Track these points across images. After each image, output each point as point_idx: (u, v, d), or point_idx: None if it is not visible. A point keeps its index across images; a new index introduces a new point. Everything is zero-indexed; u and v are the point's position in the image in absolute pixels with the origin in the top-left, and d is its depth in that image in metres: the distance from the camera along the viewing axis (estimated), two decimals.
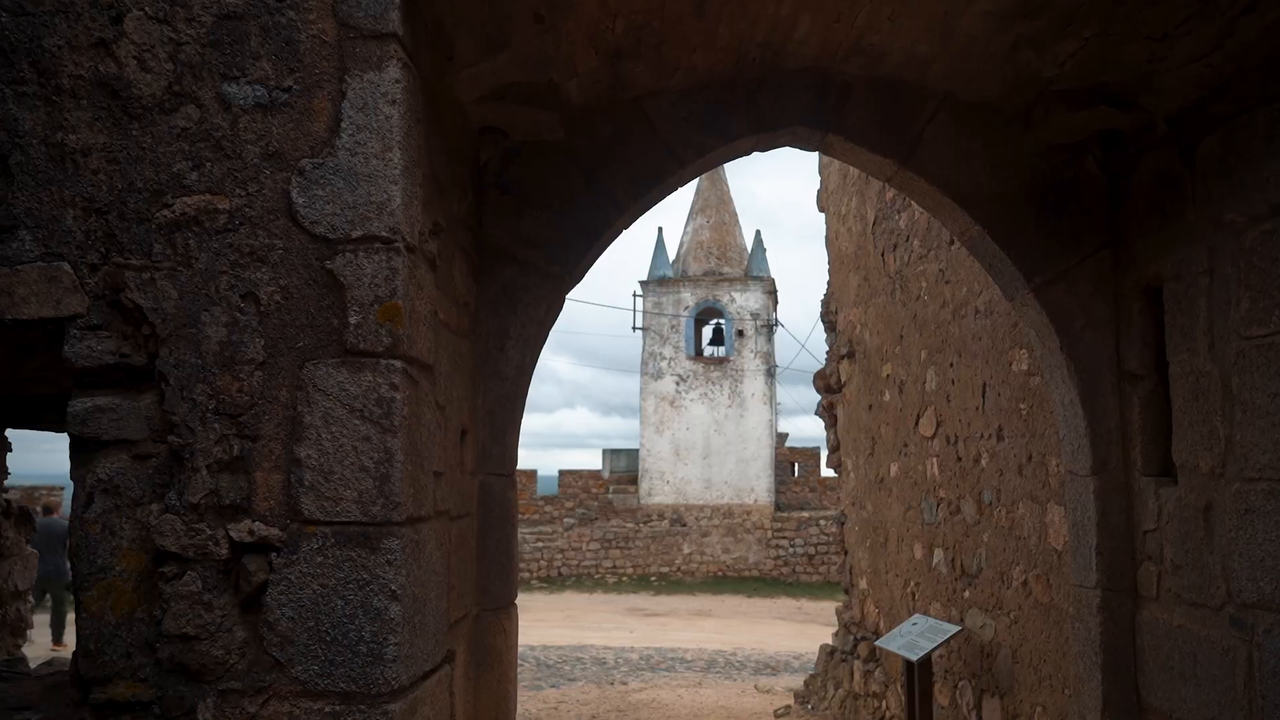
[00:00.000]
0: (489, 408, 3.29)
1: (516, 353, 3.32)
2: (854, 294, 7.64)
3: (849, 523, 7.78)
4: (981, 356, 5.30)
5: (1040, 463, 4.63)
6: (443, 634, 2.74)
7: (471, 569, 3.14)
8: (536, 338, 3.35)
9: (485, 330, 3.31)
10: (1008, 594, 4.95)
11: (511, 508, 3.31)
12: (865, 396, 7.30)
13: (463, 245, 3.16)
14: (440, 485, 2.75)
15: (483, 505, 3.24)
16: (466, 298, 3.19)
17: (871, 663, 7.02)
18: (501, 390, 3.30)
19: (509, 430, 3.32)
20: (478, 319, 3.31)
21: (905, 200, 6.49)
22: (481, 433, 3.28)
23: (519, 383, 3.32)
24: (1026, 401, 4.78)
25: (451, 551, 2.88)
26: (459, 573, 2.97)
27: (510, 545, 3.28)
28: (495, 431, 3.29)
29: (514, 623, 3.34)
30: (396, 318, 2.37)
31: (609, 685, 11.40)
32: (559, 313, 3.49)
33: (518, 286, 3.34)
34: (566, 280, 3.41)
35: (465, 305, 3.17)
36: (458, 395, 3.02)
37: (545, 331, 3.44)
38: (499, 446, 3.30)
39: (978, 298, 5.35)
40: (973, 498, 5.40)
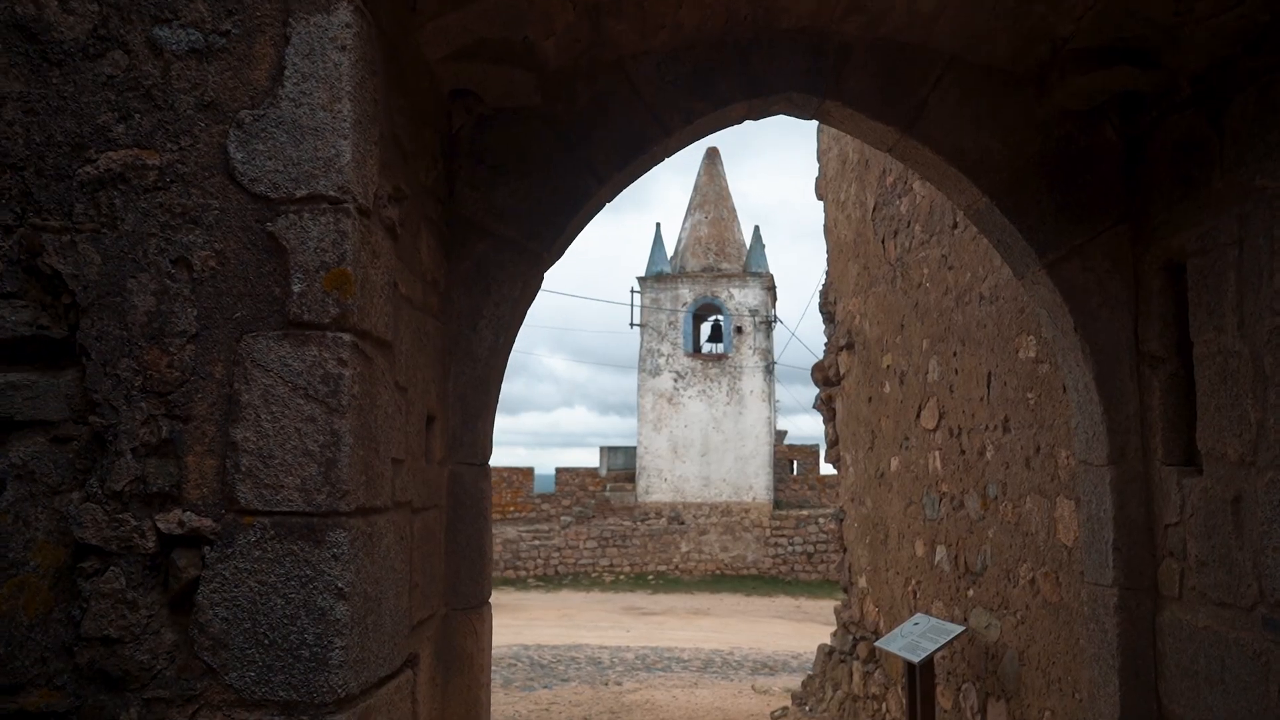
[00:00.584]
0: (460, 392, 3.06)
1: (490, 333, 3.08)
2: (853, 283, 7.41)
3: (848, 519, 7.55)
4: (986, 344, 5.07)
5: (1049, 454, 4.40)
6: (403, 636, 2.50)
7: (439, 565, 2.91)
8: (511, 318, 3.12)
9: (456, 310, 3.08)
10: (1014, 592, 4.72)
11: (484, 500, 3.08)
12: (865, 389, 7.07)
13: (430, 217, 2.93)
14: (401, 474, 2.51)
15: (453, 497, 3.01)
16: (435, 274, 2.95)
17: (871, 664, 6.79)
18: (474, 373, 3.07)
19: (482, 416, 3.08)
20: (448, 298, 3.07)
21: (906, 185, 6.26)
22: (452, 419, 3.05)
23: (492, 365, 3.09)
24: (1034, 390, 4.54)
25: (415, 546, 2.65)
26: (424, 570, 2.73)
27: (483, 540, 3.05)
28: (467, 418, 3.06)
29: (487, 624, 3.11)
30: (345, 286, 2.14)
31: (603, 686, 11.17)
32: (536, 292, 3.26)
33: (491, 263, 3.11)
34: (544, 257, 3.17)
35: (433, 282, 2.94)
36: (424, 378, 2.79)
37: (521, 311, 3.20)
38: (471, 434, 3.06)
39: (982, 283, 5.12)
40: (977, 492, 5.17)
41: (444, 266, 3.05)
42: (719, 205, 28.64)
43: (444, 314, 3.04)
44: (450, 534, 2.99)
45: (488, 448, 3.15)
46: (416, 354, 2.71)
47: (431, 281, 2.92)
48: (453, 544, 2.99)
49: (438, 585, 2.89)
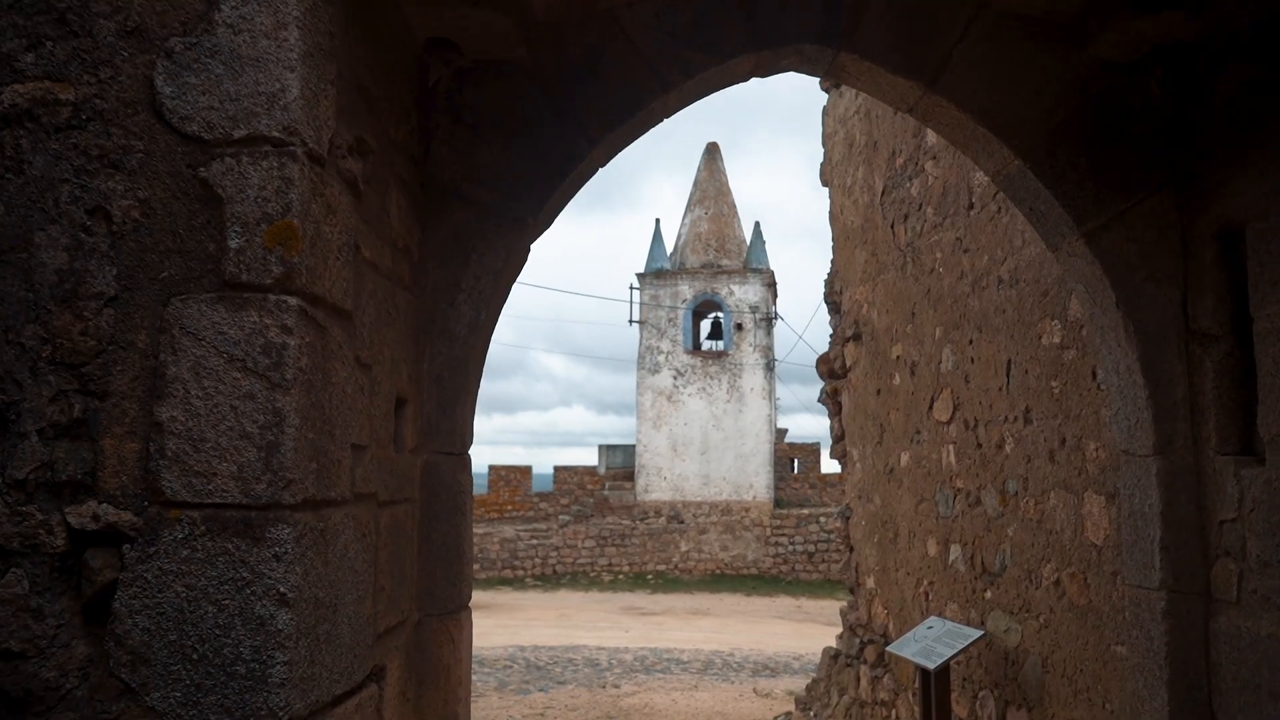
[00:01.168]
0: (436, 373, 2.75)
1: (469, 308, 2.78)
2: (860, 271, 7.10)
3: (854, 517, 7.24)
4: (1005, 331, 4.76)
5: (1075, 447, 4.10)
6: (366, 647, 2.20)
7: (411, 566, 2.60)
8: (493, 292, 2.81)
9: (431, 282, 2.77)
10: (1036, 595, 4.42)
11: (463, 493, 2.77)
12: (873, 381, 6.77)
13: (402, 178, 2.63)
14: (363, 462, 2.21)
15: (427, 490, 2.70)
16: (407, 241, 2.65)
17: (880, 668, 6.49)
18: (451, 353, 2.76)
19: (460, 400, 2.78)
20: (423, 269, 2.77)
21: (918, 166, 5.96)
22: (427, 403, 2.74)
23: (472, 344, 2.78)
24: (1059, 379, 4.24)
25: (381, 545, 2.35)
26: (392, 571, 2.43)
27: (462, 538, 2.74)
28: (443, 402, 2.75)
29: (466, 631, 2.81)
30: (290, 241, 1.83)
31: (600, 689, 10.88)
32: (521, 264, 2.96)
33: (471, 231, 2.80)
34: (529, 225, 2.87)
35: (405, 250, 2.64)
36: (392, 356, 2.48)
37: (505, 285, 2.90)
38: (448, 420, 2.76)
39: (1001, 266, 4.82)
40: (995, 488, 4.86)
41: (418, 234, 2.75)
42: (719, 201, 28.34)
43: (417, 286, 2.74)
44: (424, 531, 2.69)
45: (467, 436, 2.85)
46: (384, 328, 2.41)
47: (403, 249, 2.61)
48: (427, 542, 2.69)
49: (409, 588, 2.59)
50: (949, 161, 5.48)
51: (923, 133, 5.89)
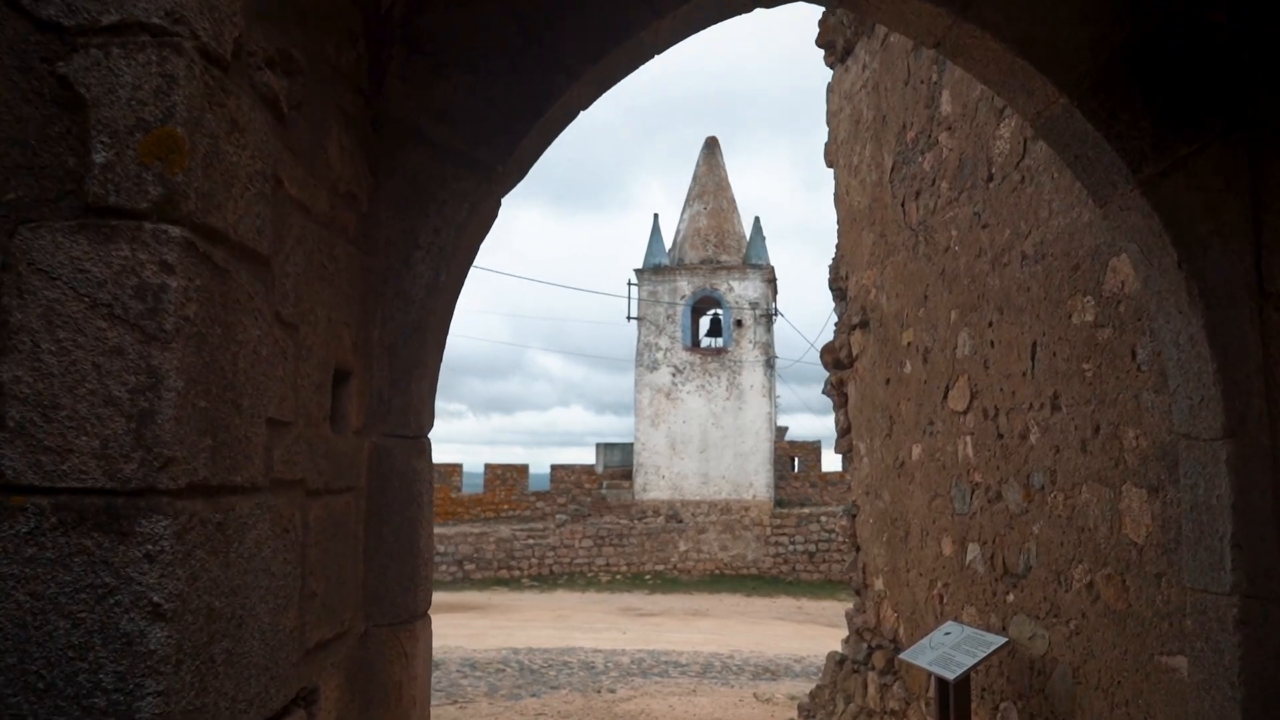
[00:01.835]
0: (388, 342, 2.36)
1: (428, 268, 2.39)
2: (867, 254, 6.71)
3: (861, 515, 6.85)
4: (1030, 310, 4.37)
5: (1112, 435, 3.71)
6: (288, 665, 1.81)
7: (355, 568, 2.21)
8: (456, 248, 2.42)
9: (384, 235, 2.38)
10: (1066, 598, 4.03)
11: (420, 482, 2.38)
12: (882, 370, 6.38)
13: (347, 112, 2.23)
14: (285, 442, 1.82)
15: (376, 478, 2.31)
16: (352, 187, 2.26)
17: (889, 675, 6.10)
18: (406, 318, 2.37)
19: (417, 374, 2.39)
20: (374, 221, 2.38)
21: (931, 138, 5.57)
22: (377, 377, 2.35)
23: (431, 308, 2.39)
24: (1092, 360, 3.85)
25: (313, 542, 1.95)
26: (328, 573, 2.04)
27: (418, 534, 2.35)
28: (397, 375, 2.36)
29: (423, 643, 2.41)
30: (174, 156, 1.44)
31: (595, 694, 10.48)
32: (490, 220, 2.56)
33: (429, 177, 2.41)
34: (498, 173, 2.47)
35: (349, 197, 2.24)
36: (330, 317, 2.09)
37: (470, 242, 2.51)
38: (402, 397, 2.37)
39: (1024, 240, 4.43)
40: (1018, 481, 4.47)
41: (367, 180, 2.36)
42: (718, 195, 27.95)
43: (367, 240, 2.34)
44: (372, 526, 2.29)
45: (426, 416, 2.45)
46: (317, 283, 2.01)
47: (346, 195, 2.22)
48: (376, 540, 2.29)
49: (352, 594, 2.20)
50: (965, 131, 5.09)
51: (936, 103, 5.50)
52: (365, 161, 2.35)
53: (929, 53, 5.65)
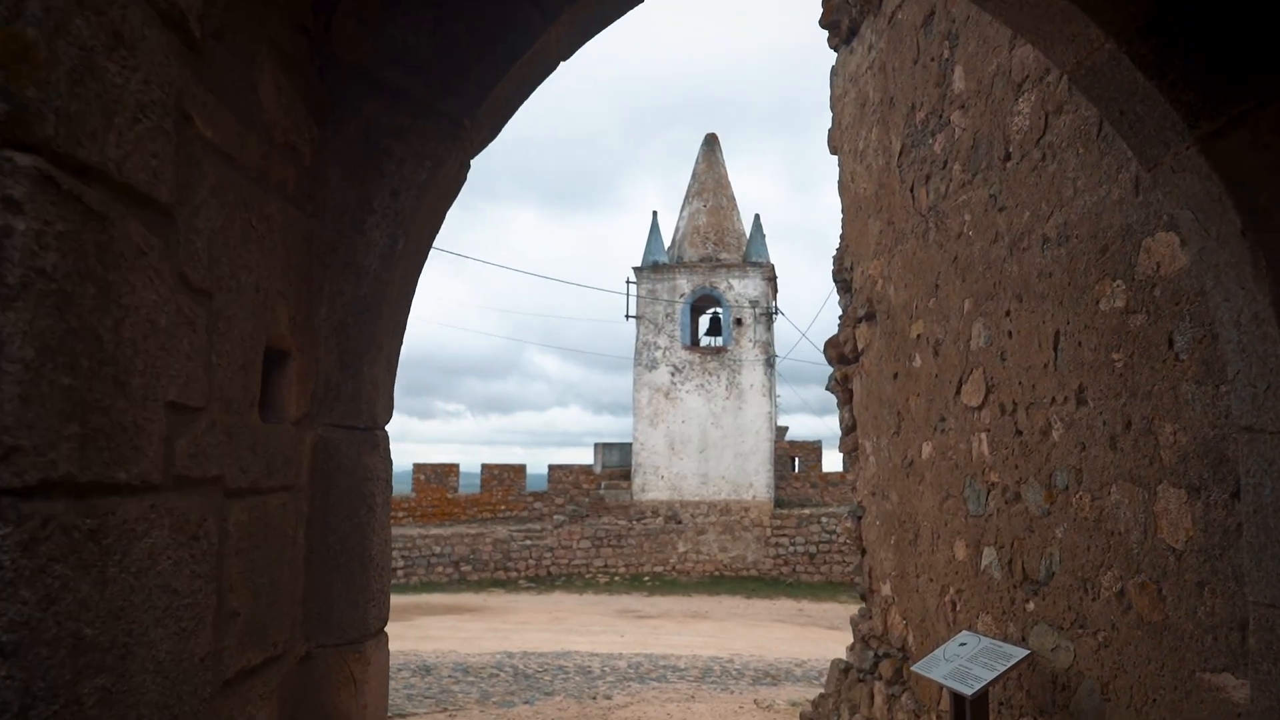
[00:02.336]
0: (337, 319, 2.05)
1: (383, 234, 2.08)
2: (874, 243, 6.40)
3: (867, 516, 6.54)
4: (1052, 298, 4.07)
5: (1145, 431, 3.40)
6: (198, 700, 1.50)
7: (292, 580, 1.90)
8: (417, 213, 2.11)
9: (333, 197, 2.07)
10: (1094, 607, 3.72)
11: (373, 481, 2.07)
12: (889, 364, 6.07)
13: (284, 50, 1.92)
14: (194, 431, 1.51)
15: (320, 476, 2.00)
16: (292, 137, 1.95)
17: (897, 685, 5.79)
18: (358, 292, 2.06)
19: (370, 357, 2.08)
20: (320, 179, 2.07)
21: (942, 118, 5.26)
22: (324, 359, 2.04)
23: (387, 280, 2.08)
24: (1123, 350, 3.54)
25: (234, 551, 1.65)
26: (254, 588, 1.73)
27: (369, 541, 2.04)
28: (347, 358, 2.05)
29: (376, 666, 2.10)
30: (24, 64, 1.13)
31: (590, 700, 10.16)
32: (457, 182, 2.26)
33: (385, 129, 2.10)
34: (466, 127, 2.16)
35: (289, 149, 1.93)
36: (261, 286, 1.78)
37: (433, 206, 2.20)
38: (353, 382, 2.06)
39: (1046, 222, 4.12)
40: (1039, 481, 4.17)
41: (312, 131, 2.05)
42: (718, 193, 27.66)
43: (312, 201, 2.03)
44: (316, 532, 1.98)
45: (382, 405, 2.15)
46: (243, 246, 1.70)
47: (284, 147, 1.91)
48: (320, 547, 1.98)
49: (288, 611, 1.88)
50: (980, 109, 4.78)
51: (947, 81, 5.20)
52: (309, 110, 2.04)
53: (940, 29, 5.35)
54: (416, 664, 12.28)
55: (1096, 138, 3.76)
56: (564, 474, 27.50)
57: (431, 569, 24.15)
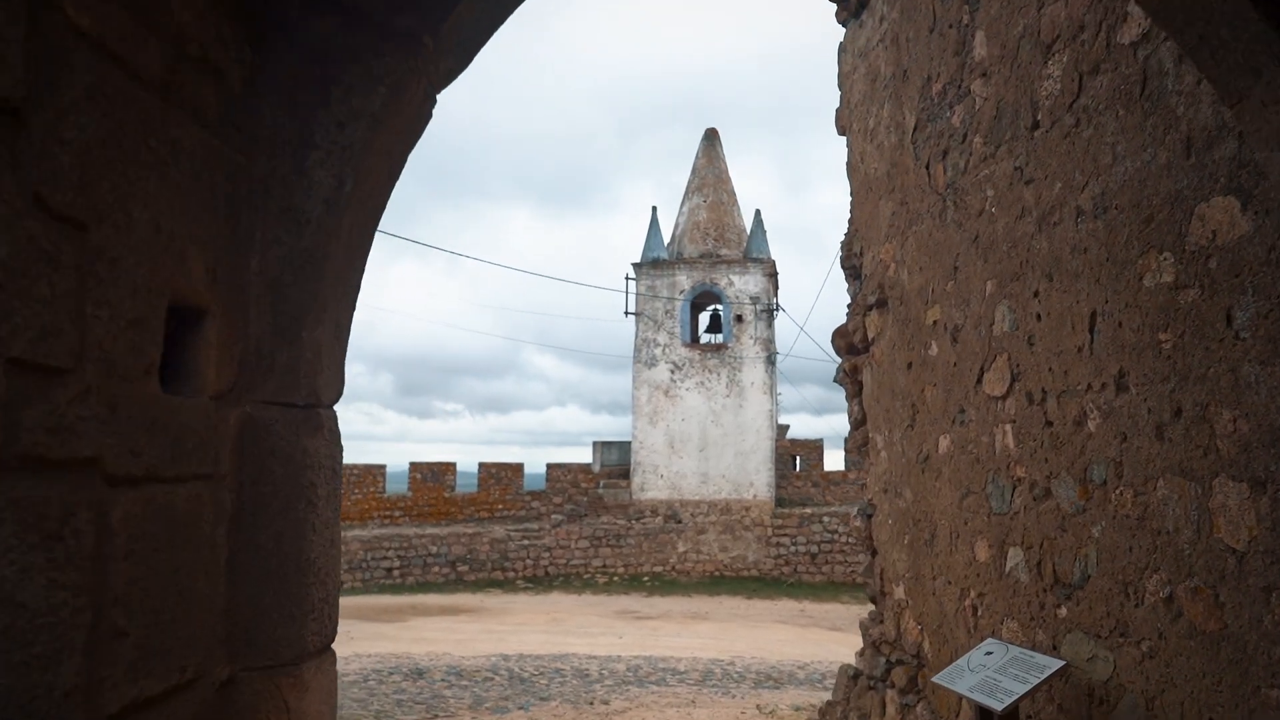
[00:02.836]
0: (272, 275, 1.71)
1: (328, 174, 1.73)
2: (885, 226, 6.06)
3: (878, 515, 6.20)
4: (1088, 275, 3.73)
5: (1199, 418, 3.06)
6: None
7: (210, 589, 1.56)
8: (368, 150, 1.77)
9: (268, 130, 1.73)
10: (1137, 614, 3.38)
11: (314, 469, 1.72)
12: (902, 353, 5.73)
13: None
14: (55, 399, 1.17)
15: (250, 462, 1.65)
16: (211, 52, 1.60)
17: (912, 694, 5.45)
18: (298, 243, 1.72)
19: (312, 319, 1.73)
20: (252, 109, 1.72)
21: (961, 88, 4.92)
22: (254, 321, 1.70)
23: (333, 230, 1.74)
24: (1172, 329, 3.20)
25: (122, 554, 1.30)
26: (152, 600, 1.38)
27: (307, 542, 1.69)
28: (283, 320, 1.71)
29: (318, 692, 1.75)
30: None
31: (587, 705, 9.81)
32: (420, 117, 1.91)
33: (332, 53, 1.76)
34: (428, 49, 1.82)
35: (206, 65, 1.59)
36: (162, 226, 1.44)
37: (389, 143, 1.85)
38: (291, 350, 1.71)
39: (1080, 193, 3.78)
40: (1073, 476, 3.82)
41: (240, 50, 1.70)
42: (718, 188, 27.31)
43: (238, 133, 1.69)
44: (243, 531, 1.64)
45: (326, 379, 1.80)
46: (137, 173, 1.36)
47: (200, 62, 1.56)
48: (248, 549, 1.64)
49: (204, 627, 1.54)
50: (1004, 75, 4.44)
51: (967, 48, 4.85)
52: (237, 26, 1.69)
53: None
54: (409, 667, 11.94)
55: (1140, 97, 3.42)
56: (562, 473, 27.16)
57: (427, 569, 23.81)
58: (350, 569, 23.27)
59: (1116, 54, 3.56)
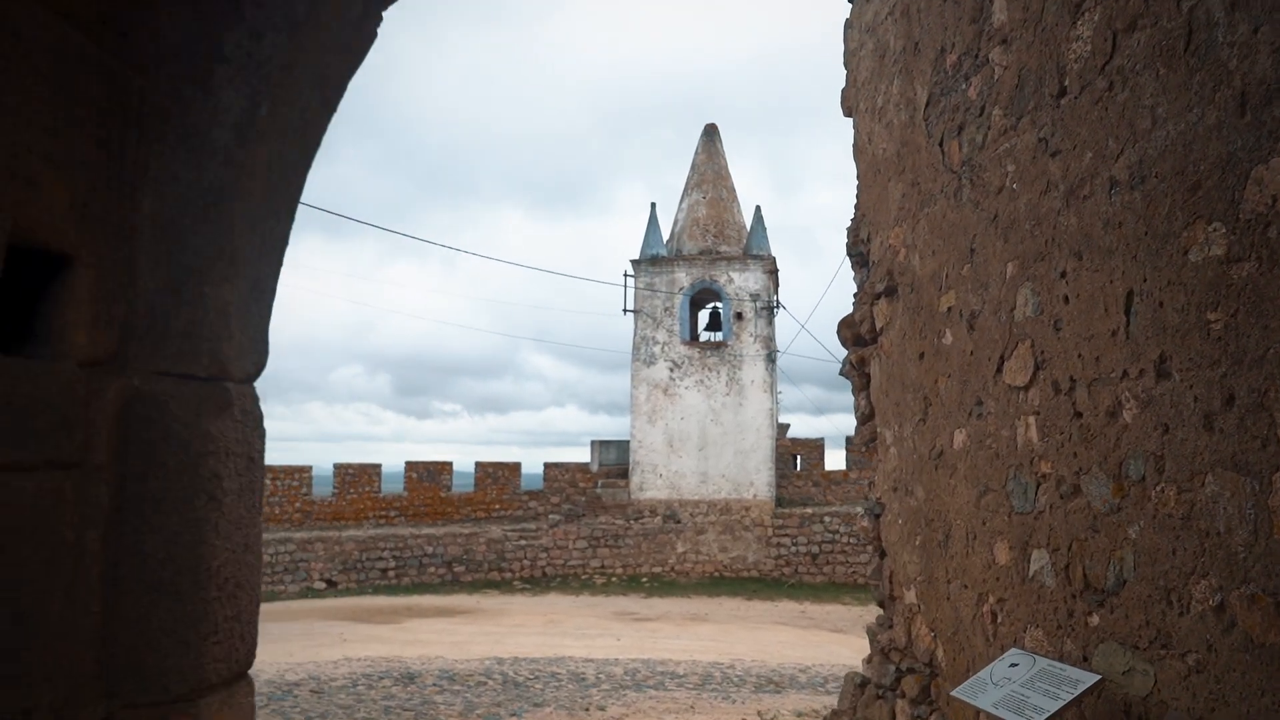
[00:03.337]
0: (167, 217, 1.38)
1: (239, 96, 1.41)
2: (895, 209, 5.73)
3: (887, 514, 5.87)
4: (1123, 251, 3.40)
5: (1256, 406, 2.74)
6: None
7: (73, 607, 1.23)
8: (292, 66, 1.44)
9: (162, 40, 1.40)
10: (1182, 623, 3.05)
11: (218, 458, 1.39)
12: (914, 343, 5.40)
13: None
14: None
15: (134, 447, 1.32)
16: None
17: (924, 705, 5.12)
18: (200, 179, 1.39)
19: (218, 273, 1.40)
20: (141, 10, 1.39)
21: (979, 58, 4.60)
22: (144, 273, 1.37)
23: (246, 165, 1.41)
24: (1223, 307, 2.88)
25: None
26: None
27: (208, 548, 1.36)
28: (180, 272, 1.38)
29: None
30: None
31: (583, 712, 9.48)
32: (364, 34, 1.58)
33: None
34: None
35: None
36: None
37: (320, 61, 1.52)
38: (190, 309, 1.38)
39: (1115, 162, 3.45)
40: (1105, 471, 3.50)
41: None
42: (718, 184, 26.99)
43: (121, 40, 1.36)
44: (125, 534, 1.31)
45: (235, 345, 1.47)
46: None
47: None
48: (131, 556, 1.31)
49: (64, 653, 1.21)
50: (1027, 40, 4.11)
51: (985, 14, 4.53)
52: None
53: None
54: (400, 671, 11.62)
55: (1184, 52, 3.10)
56: (560, 472, 26.85)
57: (423, 570, 23.49)
58: (345, 570, 22.95)
59: (1156, 7, 3.24)
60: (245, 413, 1.49)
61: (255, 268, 1.51)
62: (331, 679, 10.91)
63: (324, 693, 10.04)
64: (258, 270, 1.52)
